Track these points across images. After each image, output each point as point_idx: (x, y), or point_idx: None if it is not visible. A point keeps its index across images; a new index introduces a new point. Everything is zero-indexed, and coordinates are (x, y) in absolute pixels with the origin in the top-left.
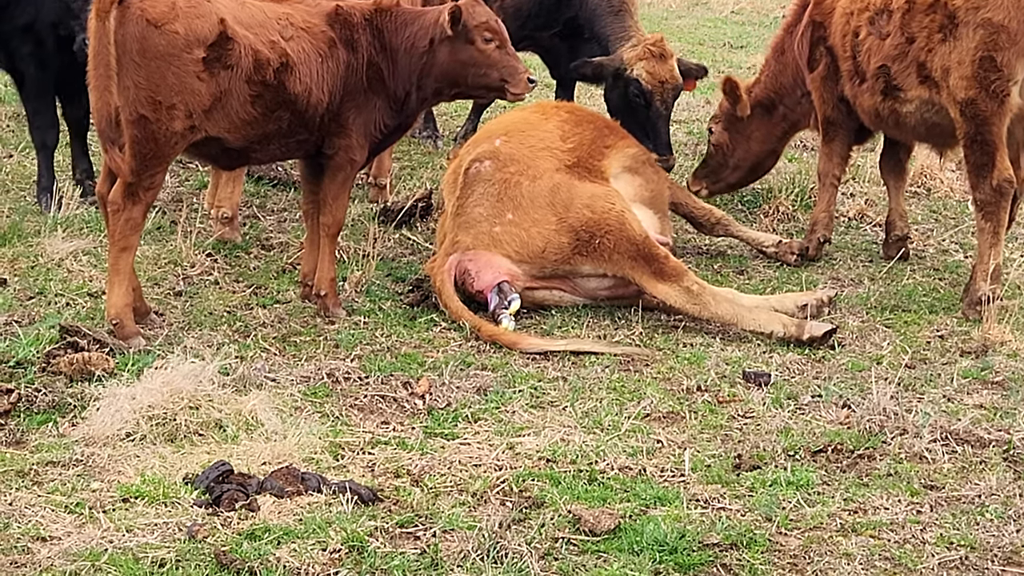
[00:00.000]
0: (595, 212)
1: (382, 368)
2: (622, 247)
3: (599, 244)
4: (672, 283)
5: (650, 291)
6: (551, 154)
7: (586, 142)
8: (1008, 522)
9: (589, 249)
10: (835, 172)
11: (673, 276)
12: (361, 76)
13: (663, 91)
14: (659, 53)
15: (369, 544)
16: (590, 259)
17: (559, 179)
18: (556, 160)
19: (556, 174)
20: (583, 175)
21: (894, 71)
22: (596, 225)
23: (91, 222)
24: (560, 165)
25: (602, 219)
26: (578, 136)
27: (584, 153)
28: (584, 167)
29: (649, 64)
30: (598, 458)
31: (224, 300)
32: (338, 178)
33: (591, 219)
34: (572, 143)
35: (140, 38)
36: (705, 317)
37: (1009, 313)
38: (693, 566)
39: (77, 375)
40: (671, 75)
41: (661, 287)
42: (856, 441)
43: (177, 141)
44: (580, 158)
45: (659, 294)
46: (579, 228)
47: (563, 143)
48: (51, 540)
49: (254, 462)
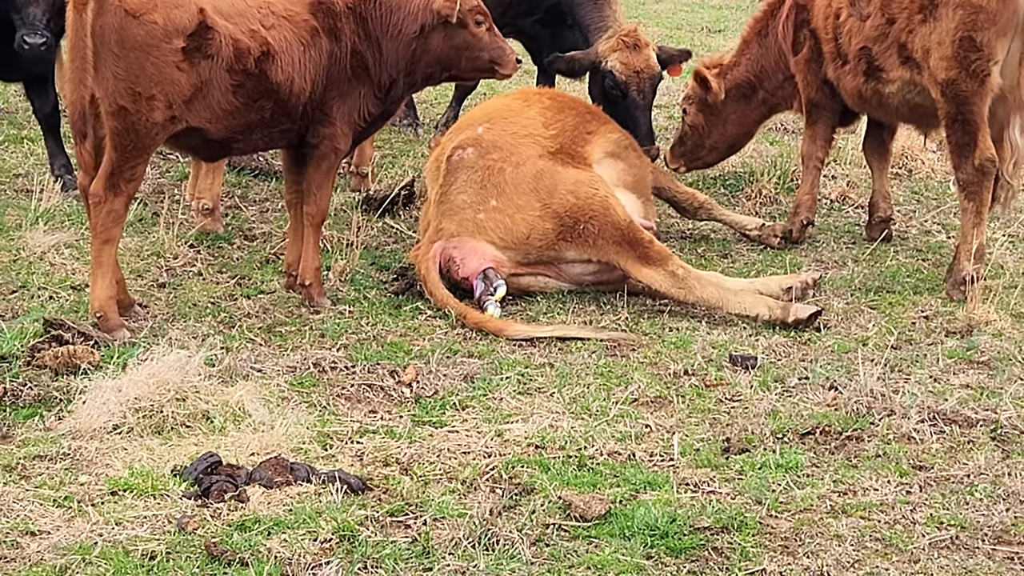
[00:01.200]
0: (579, 198)
1: (368, 357)
2: (606, 232)
3: (583, 230)
4: (657, 267)
5: (635, 276)
6: (534, 141)
7: (568, 128)
8: (997, 501)
9: (573, 235)
10: (818, 154)
11: (658, 260)
12: (345, 65)
13: (639, 81)
14: (632, 43)
15: (360, 533)
16: (575, 245)
17: (542, 165)
18: (539, 147)
19: (539, 160)
20: (566, 161)
21: (875, 52)
22: (580, 211)
23: (72, 215)
24: (543, 152)
25: (586, 204)
26: (560, 122)
27: (567, 139)
28: (567, 153)
29: (623, 55)
30: (587, 444)
31: (208, 291)
32: (322, 167)
33: (575, 205)
34: (555, 129)
35: (118, 28)
36: (690, 301)
37: (993, 293)
38: (684, 550)
39: (62, 368)
40: (646, 64)
41: (646, 271)
42: (844, 423)
43: (158, 132)
44: (563, 144)
45: (644, 278)
46: (563, 214)
47: (546, 129)
48: (40, 534)
49: (242, 453)
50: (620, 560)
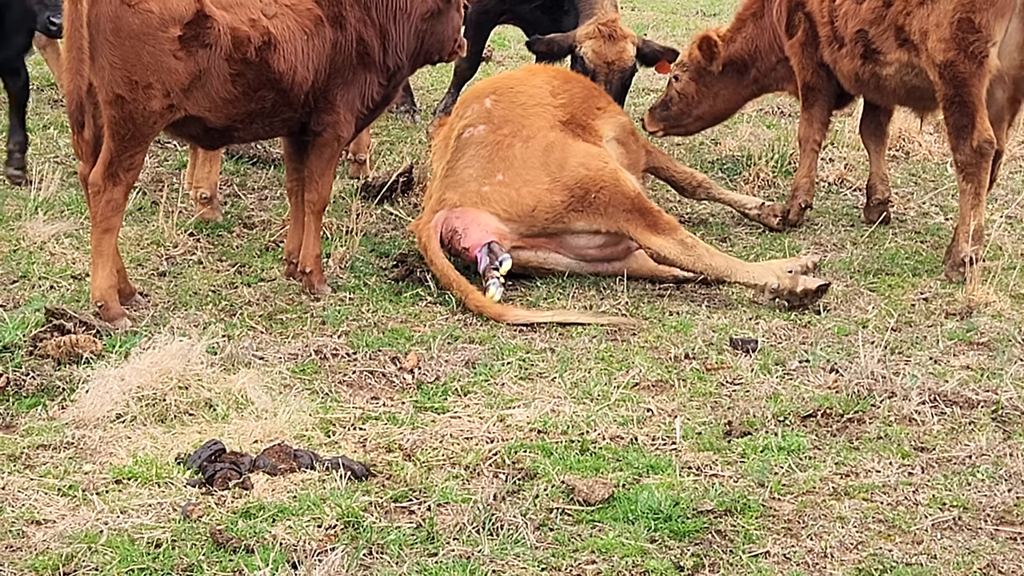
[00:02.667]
0: (590, 169)
1: (370, 344)
2: (617, 201)
3: (594, 199)
4: (667, 236)
5: (644, 243)
6: (543, 110)
7: (578, 99)
8: (999, 482)
9: (584, 204)
10: (816, 137)
11: (667, 229)
12: (350, 52)
13: (608, 72)
14: (608, 33)
15: (364, 520)
16: (585, 215)
17: (553, 138)
18: (550, 116)
19: (550, 132)
20: (577, 133)
21: (872, 35)
22: (592, 181)
23: (71, 204)
24: (554, 122)
25: (597, 175)
26: (568, 92)
27: (577, 109)
28: (579, 124)
29: (596, 43)
30: (589, 428)
31: (208, 279)
32: (324, 154)
33: (586, 176)
34: (563, 98)
35: (114, 17)
36: (699, 269)
37: (992, 274)
38: (688, 533)
39: (65, 358)
40: (619, 56)
41: (656, 239)
42: (845, 405)
43: (156, 121)
44: (573, 114)
45: (654, 246)
46: (574, 186)
47: (554, 98)
48: (46, 523)
49: (245, 440)
50: (624, 544)
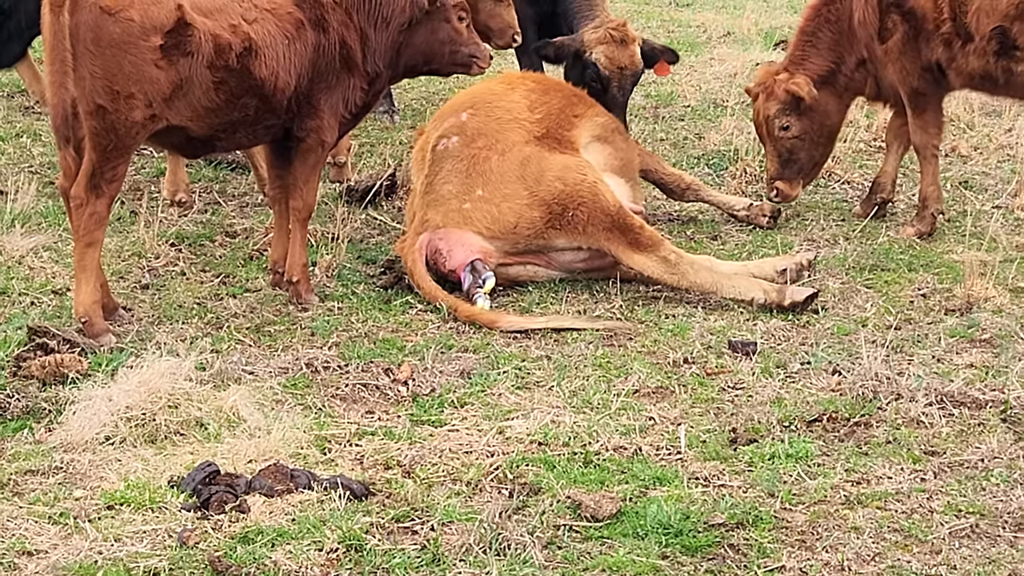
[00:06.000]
0: (567, 184)
1: (361, 355)
2: (596, 219)
3: (572, 217)
4: (649, 253)
5: (626, 262)
6: (519, 125)
7: (555, 112)
8: (1015, 486)
9: (562, 222)
10: (934, 142)
11: (649, 246)
12: (333, 57)
13: (621, 77)
14: (620, 38)
15: (367, 542)
16: (564, 232)
17: (529, 152)
18: (525, 132)
19: (525, 147)
20: (553, 146)
21: (1015, 31)
22: (569, 197)
23: (49, 216)
24: (529, 137)
25: (574, 191)
26: (546, 105)
27: (553, 123)
28: (554, 138)
29: (609, 49)
30: (591, 439)
31: (193, 291)
32: (309, 161)
33: (563, 191)
34: (540, 113)
35: (94, 26)
36: (684, 287)
37: (990, 268)
38: (700, 548)
39: (50, 378)
40: (631, 61)
41: (638, 258)
42: (851, 408)
43: (138, 131)
44: (549, 128)
45: (636, 265)
46: (551, 201)
47: (531, 113)
48: (38, 554)
49: (240, 460)
50: (635, 561)
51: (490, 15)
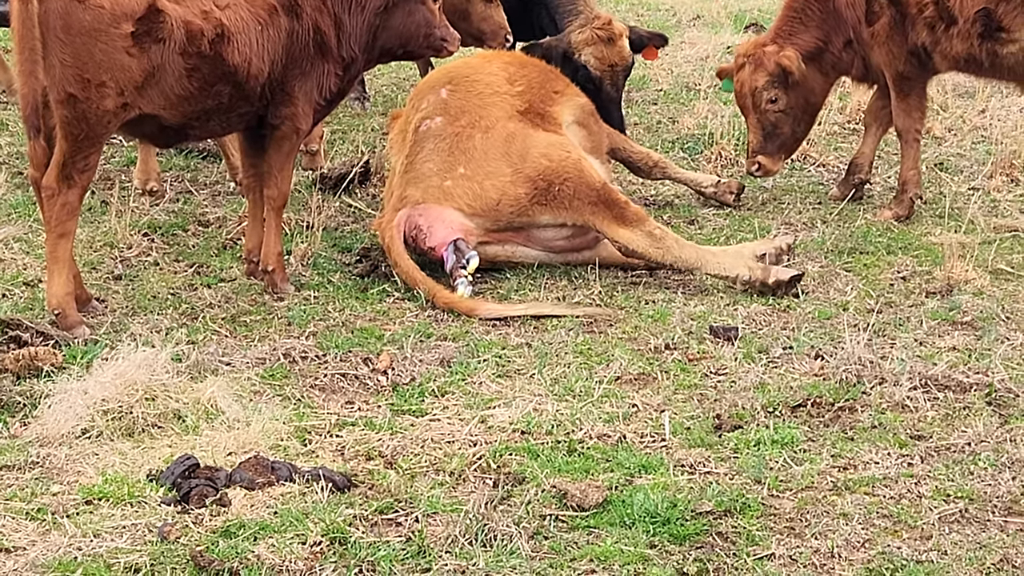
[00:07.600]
0: (552, 160)
1: (340, 345)
2: (582, 193)
3: (558, 192)
4: (634, 228)
5: (611, 236)
6: (501, 99)
7: (535, 85)
8: (1002, 470)
9: (548, 198)
10: (917, 127)
11: (635, 221)
12: (307, 42)
13: (613, 74)
14: (607, 36)
15: (351, 535)
16: (549, 208)
17: (513, 128)
18: (508, 105)
19: (509, 123)
20: (536, 122)
21: (1000, 13)
22: (554, 173)
23: (19, 206)
24: (512, 112)
25: (560, 167)
26: (525, 78)
27: (535, 97)
28: (536, 112)
29: (597, 49)
30: (574, 427)
31: (167, 282)
32: (284, 148)
33: (548, 167)
34: (521, 85)
35: (64, 14)
36: (668, 262)
37: (969, 250)
38: (688, 537)
39: (24, 372)
40: (620, 57)
41: (623, 232)
42: (835, 393)
43: (110, 120)
44: (532, 102)
45: (621, 239)
46: (536, 178)
47: (511, 86)
48: (16, 551)
49: (219, 453)
50: (623, 551)
51: (482, 18)
